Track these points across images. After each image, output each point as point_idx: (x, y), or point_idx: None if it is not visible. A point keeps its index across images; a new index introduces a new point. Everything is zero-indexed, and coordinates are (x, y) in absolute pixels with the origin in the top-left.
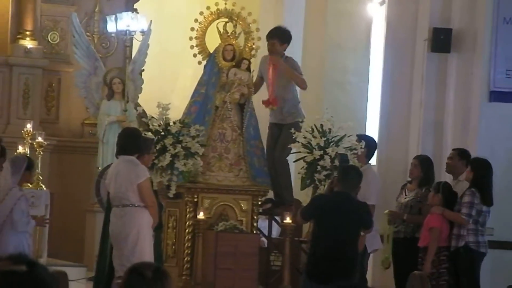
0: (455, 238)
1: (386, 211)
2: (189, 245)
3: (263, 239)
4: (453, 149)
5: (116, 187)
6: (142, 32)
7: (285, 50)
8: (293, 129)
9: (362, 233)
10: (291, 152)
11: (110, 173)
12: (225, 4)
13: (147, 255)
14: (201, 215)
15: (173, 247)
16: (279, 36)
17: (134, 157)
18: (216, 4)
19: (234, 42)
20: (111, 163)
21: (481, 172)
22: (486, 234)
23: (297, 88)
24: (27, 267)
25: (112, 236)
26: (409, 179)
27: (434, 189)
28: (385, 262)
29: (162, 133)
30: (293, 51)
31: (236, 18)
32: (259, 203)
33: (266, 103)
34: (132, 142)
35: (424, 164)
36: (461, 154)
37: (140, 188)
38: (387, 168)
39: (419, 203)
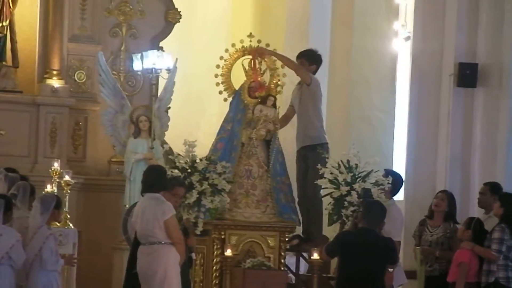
0: (485, 274)
1: (418, 247)
2: (217, 282)
3: (291, 275)
4: (484, 184)
5: (143, 224)
6: (168, 70)
7: (314, 72)
8: (319, 165)
9: (390, 270)
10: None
11: (136, 211)
12: (250, 41)
13: None
14: (228, 252)
15: (201, 284)
16: (308, 56)
17: (159, 195)
18: (241, 41)
19: (259, 78)
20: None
21: (511, 208)
22: None
23: (323, 112)
24: None
25: (140, 274)
26: (427, 214)
27: (465, 224)
28: None
29: (189, 170)
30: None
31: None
32: (287, 239)
33: (252, 92)
34: (157, 179)
35: (451, 199)
36: (493, 189)
37: (166, 225)
38: (413, 203)
39: (449, 239)
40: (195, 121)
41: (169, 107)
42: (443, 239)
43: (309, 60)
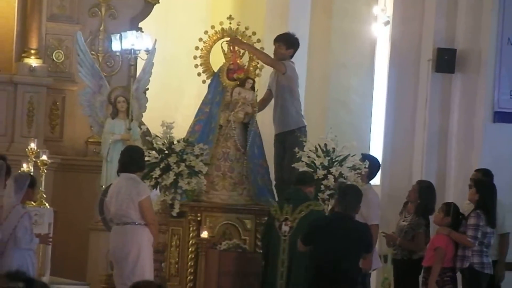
0: (460, 259)
1: (381, 232)
2: (192, 264)
3: None
4: (476, 170)
5: (117, 204)
6: (147, 51)
7: (291, 56)
8: (297, 148)
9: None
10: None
11: (111, 191)
12: (230, 23)
13: (148, 273)
14: (204, 234)
15: (176, 266)
16: (285, 40)
17: (135, 175)
18: (221, 23)
19: (238, 61)
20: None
21: (486, 194)
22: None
23: (300, 97)
24: (24, 285)
25: (113, 255)
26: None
27: (443, 211)
28: (385, 283)
29: (166, 152)
30: (298, 70)
31: (240, 38)
32: (263, 222)
33: (231, 73)
34: (134, 160)
35: (423, 191)
36: (485, 175)
37: (141, 205)
38: (390, 187)
39: (412, 230)
40: (173, 103)
41: (148, 88)
42: (408, 228)
43: (286, 44)
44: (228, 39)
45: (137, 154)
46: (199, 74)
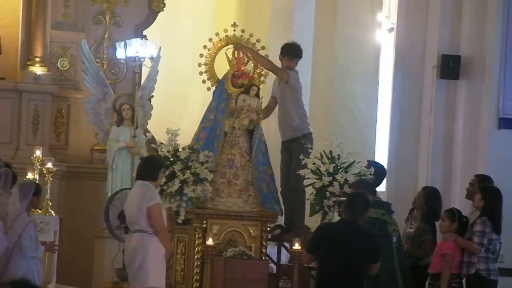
0: (466, 266)
1: None
2: (198, 271)
3: (272, 265)
4: (475, 175)
5: (130, 211)
6: (151, 58)
7: (292, 63)
8: (302, 155)
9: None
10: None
11: (128, 198)
12: (234, 30)
13: (151, 282)
14: (210, 241)
15: (182, 273)
16: (282, 50)
17: (148, 182)
18: (225, 30)
19: (243, 68)
20: (121, 189)
21: (492, 201)
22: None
23: (305, 104)
24: None
25: (125, 261)
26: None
27: (448, 218)
28: None
29: (171, 159)
30: (302, 76)
31: (244, 45)
32: (268, 229)
33: (236, 79)
34: (147, 168)
35: (428, 197)
36: (483, 181)
37: (149, 211)
38: (396, 194)
39: (419, 237)
40: (178, 110)
41: (152, 96)
42: (414, 235)
43: (283, 52)
44: (232, 46)
45: (151, 163)
46: (203, 82)
